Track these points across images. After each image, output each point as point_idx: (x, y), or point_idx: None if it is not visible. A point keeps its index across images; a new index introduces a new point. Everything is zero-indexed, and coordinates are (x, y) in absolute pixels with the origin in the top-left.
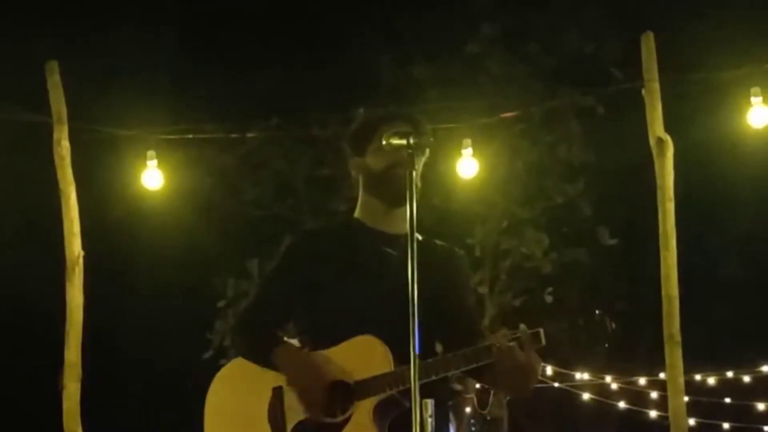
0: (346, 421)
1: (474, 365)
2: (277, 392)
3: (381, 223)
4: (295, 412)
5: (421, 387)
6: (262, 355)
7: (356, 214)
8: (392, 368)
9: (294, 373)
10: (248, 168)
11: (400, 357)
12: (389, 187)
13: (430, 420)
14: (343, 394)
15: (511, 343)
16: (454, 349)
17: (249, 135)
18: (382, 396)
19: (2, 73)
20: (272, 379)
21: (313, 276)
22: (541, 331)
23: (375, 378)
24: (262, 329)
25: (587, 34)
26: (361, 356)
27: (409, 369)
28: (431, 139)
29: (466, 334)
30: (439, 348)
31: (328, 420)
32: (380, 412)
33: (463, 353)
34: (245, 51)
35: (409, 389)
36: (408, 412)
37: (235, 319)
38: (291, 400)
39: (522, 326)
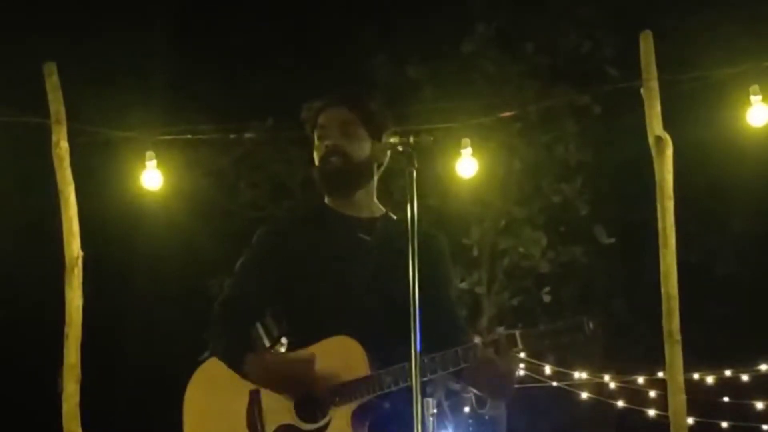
0: (326, 426)
1: (455, 368)
2: (254, 396)
3: (349, 209)
4: (274, 416)
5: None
6: (236, 365)
7: (326, 199)
8: (368, 369)
9: (269, 379)
10: (245, 169)
11: (376, 351)
12: (326, 180)
13: (431, 419)
14: (321, 398)
15: (488, 348)
16: (434, 343)
17: (247, 136)
18: (360, 401)
19: (1, 75)
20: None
21: (287, 266)
22: (517, 333)
23: (353, 382)
24: (236, 334)
25: (585, 33)
26: (337, 358)
27: (387, 374)
28: (430, 138)
29: (447, 328)
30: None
31: (308, 426)
32: (359, 417)
33: (443, 355)
34: (241, 53)
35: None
36: (387, 414)
37: (211, 316)
38: (269, 403)
39: (499, 329)
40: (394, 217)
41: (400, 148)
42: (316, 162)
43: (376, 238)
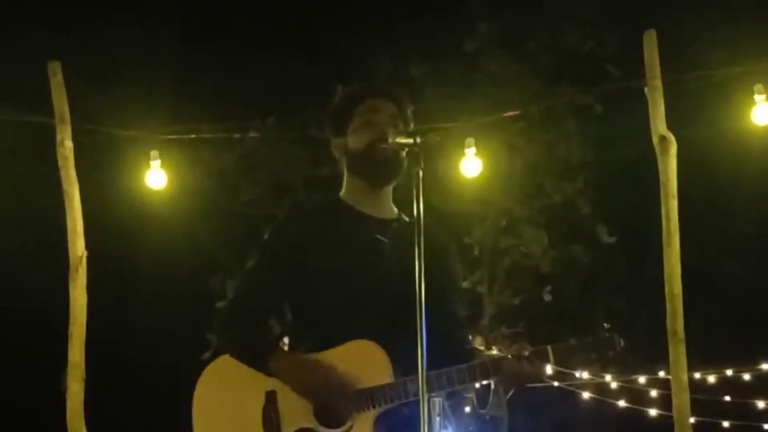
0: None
1: (483, 380)
2: (271, 397)
3: (368, 206)
4: (292, 418)
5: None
6: (257, 361)
7: (342, 193)
8: (391, 375)
9: (297, 380)
10: (247, 168)
11: (392, 355)
12: (372, 165)
13: (438, 419)
14: (342, 403)
15: (520, 362)
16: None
17: (250, 135)
18: (383, 408)
19: (5, 74)
20: (263, 379)
21: (300, 263)
22: (549, 348)
23: (377, 389)
24: (252, 330)
25: (587, 31)
26: (359, 362)
27: (413, 381)
28: (437, 138)
29: (448, 337)
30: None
31: (328, 431)
32: (382, 424)
33: (471, 366)
34: (245, 51)
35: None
36: (408, 420)
37: (220, 315)
38: (287, 405)
39: (529, 347)
40: (407, 219)
41: (406, 148)
42: (357, 145)
43: (391, 240)
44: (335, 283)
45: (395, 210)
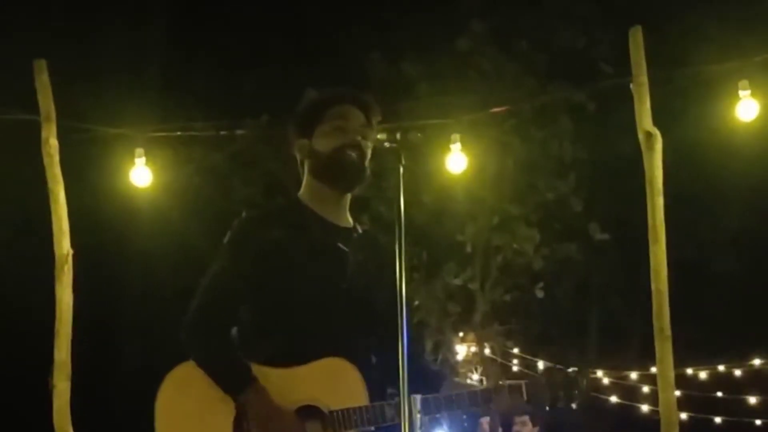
0: None
1: (459, 409)
2: (243, 410)
3: (329, 212)
4: None
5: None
6: (231, 389)
7: (301, 194)
8: (366, 397)
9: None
10: (238, 166)
11: (363, 371)
12: (338, 170)
13: (419, 416)
14: (317, 421)
15: (497, 395)
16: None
17: (239, 133)
18: (358, 430)
19: None
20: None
21: (261, 270)
22: (523, 385)
23: (353, 411)
24: (223, 347)
25: (578, 29)
26: (332, 381)
27: (390, 407)
28: (419, 135)
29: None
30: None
31: None
32: None
33: (448, 397)
34: (235, 49)
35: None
36: None
37: (186, 323)
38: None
39: (503, 382)
40: (360, 230)
41: (387, 145)
42: (324, 148)
43: (352, 250)
44: (297, 292)
45: (350, 219)
